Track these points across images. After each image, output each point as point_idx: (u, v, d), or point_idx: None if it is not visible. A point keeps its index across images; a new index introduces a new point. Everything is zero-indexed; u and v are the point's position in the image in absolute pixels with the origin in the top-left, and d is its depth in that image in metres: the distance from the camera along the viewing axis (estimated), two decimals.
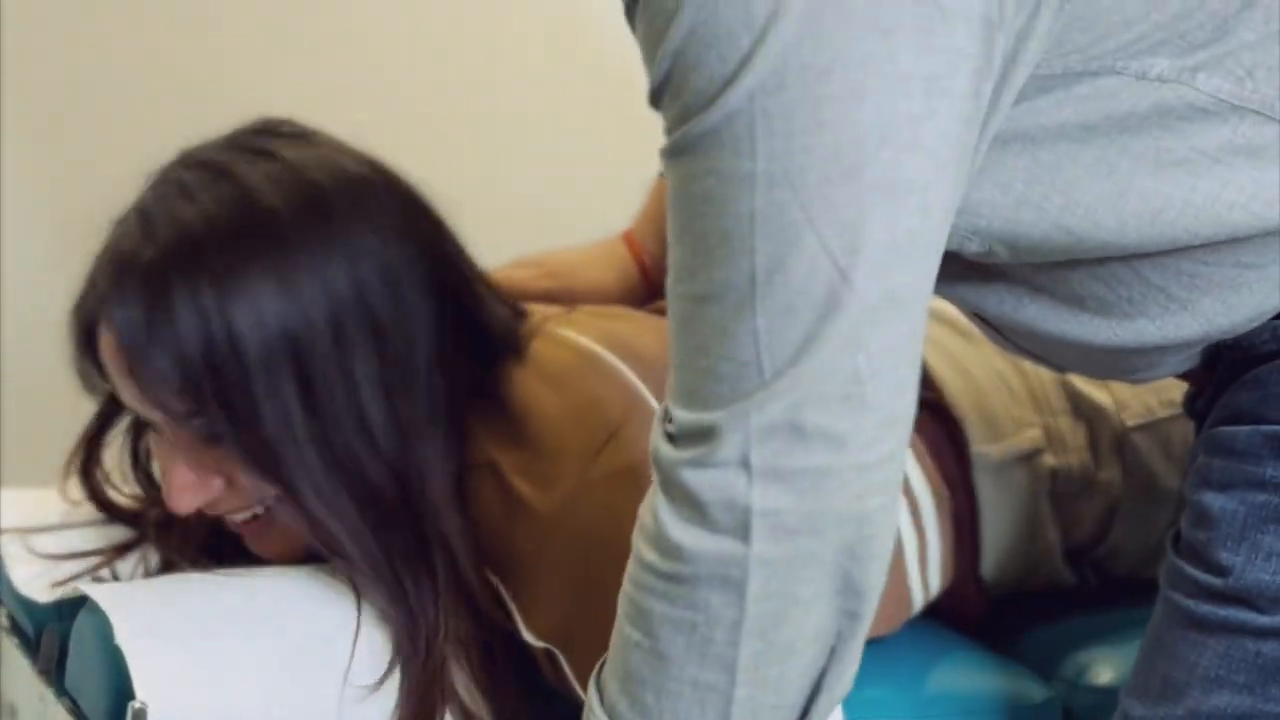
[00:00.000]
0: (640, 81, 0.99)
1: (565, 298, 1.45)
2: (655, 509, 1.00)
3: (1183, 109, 1.03)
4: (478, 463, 1.26)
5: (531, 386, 1.28)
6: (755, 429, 0.96)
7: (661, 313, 1.43)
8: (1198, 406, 1.19)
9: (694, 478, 0.98)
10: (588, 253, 1.51)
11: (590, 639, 1.18)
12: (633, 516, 1.14)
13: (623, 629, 1.03)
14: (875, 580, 1.01)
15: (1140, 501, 1.41)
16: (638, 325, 1.37)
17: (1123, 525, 1.42)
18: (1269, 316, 1.10)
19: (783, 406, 0.96)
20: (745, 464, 0.97)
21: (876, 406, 0.97)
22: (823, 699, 1.03)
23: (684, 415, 0.99)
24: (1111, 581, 1.46)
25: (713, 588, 0.99)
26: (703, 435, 0.97)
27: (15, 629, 1.38)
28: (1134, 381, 1.22)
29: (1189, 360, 1.16)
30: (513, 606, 1.24)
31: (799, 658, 1.01)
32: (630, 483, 1.21)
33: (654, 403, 1.26)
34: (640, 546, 1.02)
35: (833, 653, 1.02)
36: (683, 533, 0.99)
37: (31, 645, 1.35)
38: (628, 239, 1.51)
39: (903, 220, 0.95)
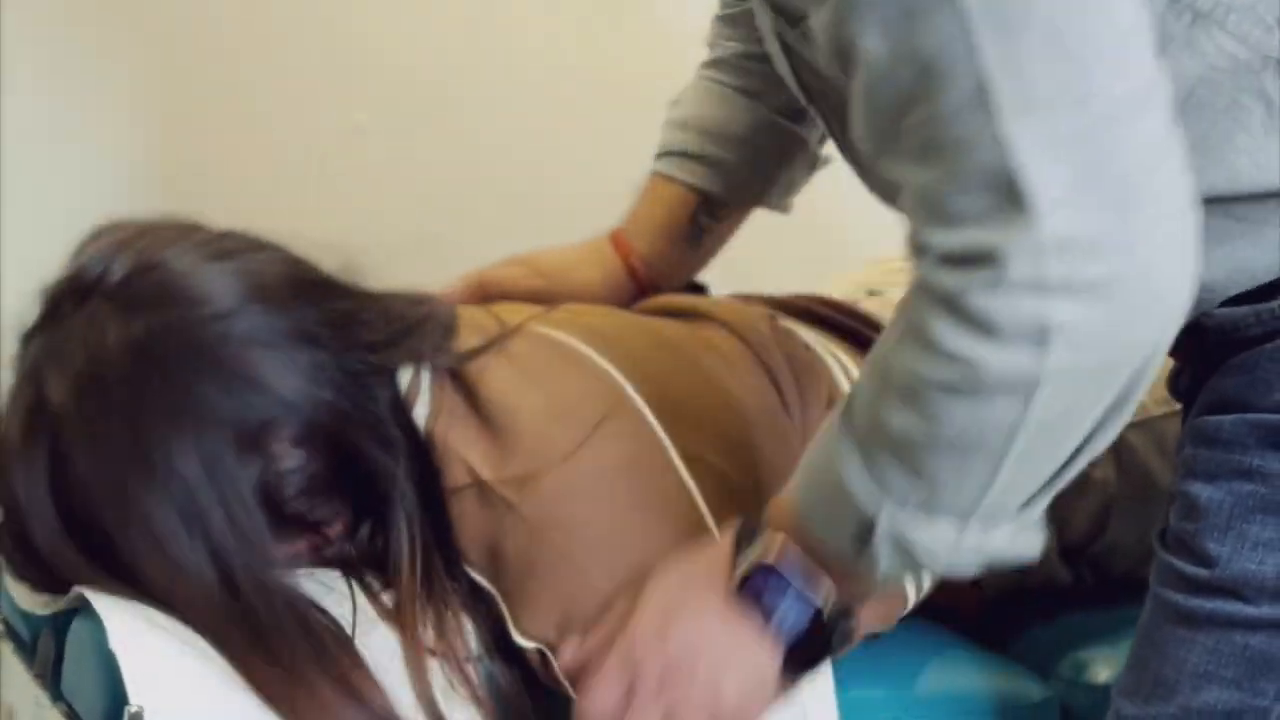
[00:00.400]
0: (635, 82, 0.99)
1: (552, 297, 1.44)
2: (927, 328, 1.00)
3: (1212, 51, 1.04)
4: (458, 486, 1.24)
5: (512, 385, 1.27)
6: (1038, 245, 0.96)
7: (647, 312, 1.43)
8: (1180, 385, 1.19)
9: (982, 301, 0.97)
10: (576, 252, 1.51)
11: (582, 632, 1.18)
12: (615, 512, 1.14)
13: (890, 401, 1.03)
14: (1154, 374, 1.02)
15: (1136, 499, 1.41)
16: (621, 322, 1.37)
17: (1119, 523, 1.42)
18: (1245, 283, 1.10)
19: (1059, 218, 0.96)
20: (1036, 282, 0.96)
21: (1153, 202, 0.97)
22: (1079, 462, 1.05)
23: (951, 238, 0.98)
24: (1109, 580, 1.45)
25: (998, 394, 0.99)
26: (983, 258, 0.97)
27: (11, 633, 1.39)
28: None
29: None
30: (504, 610, 1.24)
31: (1066, 446, 1.03)
32: (612, 478, 1.22)
33: (637, 398, 1.26)
34: (905, 357, 1.01)
35: (1095, 431, 1.03)
36: (969, 347, 0.99)
37: (28, 649, 1.35)
38: (616, 240, 1.51)
39: (1120, 12, 0.96)
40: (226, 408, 1.20)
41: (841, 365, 1.40)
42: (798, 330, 1.42)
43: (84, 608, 1.23)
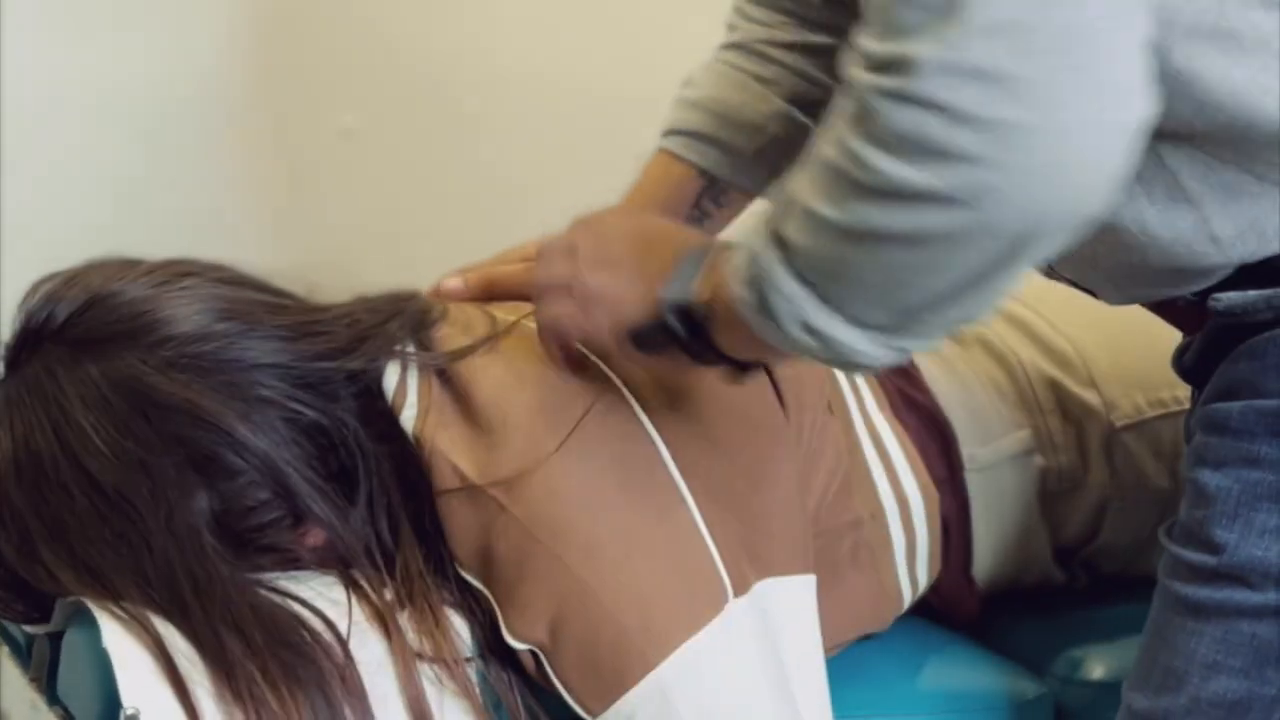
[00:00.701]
0: (632, 86, 0.98)
1: None
2: (836, 120, 0.98)
3: None
4: (447, 489, 1.24)
5: (504, 384, 1.25)
6: (958, 66, 0.93)
7: None
8: (1185, 362, 1.19)
9: (888, 109, 0.95)
10: None
11: (574, 633, 1.18)
12: (604, 512, 1.17)
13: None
14: (1027, 265, 0.99)
15: (1130, 500, 1.41)
16: None
17: (1112, 524, 1.42)
18: (1254, 245, 1.10)
19: (991, 46, 0.92)
20: (945, 103, 0.93)
21: (1095, 69, 0.93)
22: (933, 318, 1.02)
23: (882, 46, 0.95)
24: (1102, 579, 1.46)
25: (868, 199, 0.97)
26: (900, 66, 0.94)
27: (6, 637, 1.38)
28: (1129, 299, 1.21)
29: (1183, 282, 1.14)
30: (498, 611, 1.23)
31: (917, 287, 1.00)
32: (600, 477, 1.21)
33: (627, 393, 1.24)
34: (820, 136, 1.00)
35: (951, 293, 1.00)
36: (860, 146, 0.96)
37: (23, 653, 1.34)
38: None
39: None
40: (176, 445, 1.23)
41: None
42: None
43: (79, 612, 1.23)
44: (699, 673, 1.19)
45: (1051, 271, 1.21)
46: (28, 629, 1.31)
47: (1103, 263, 1.15)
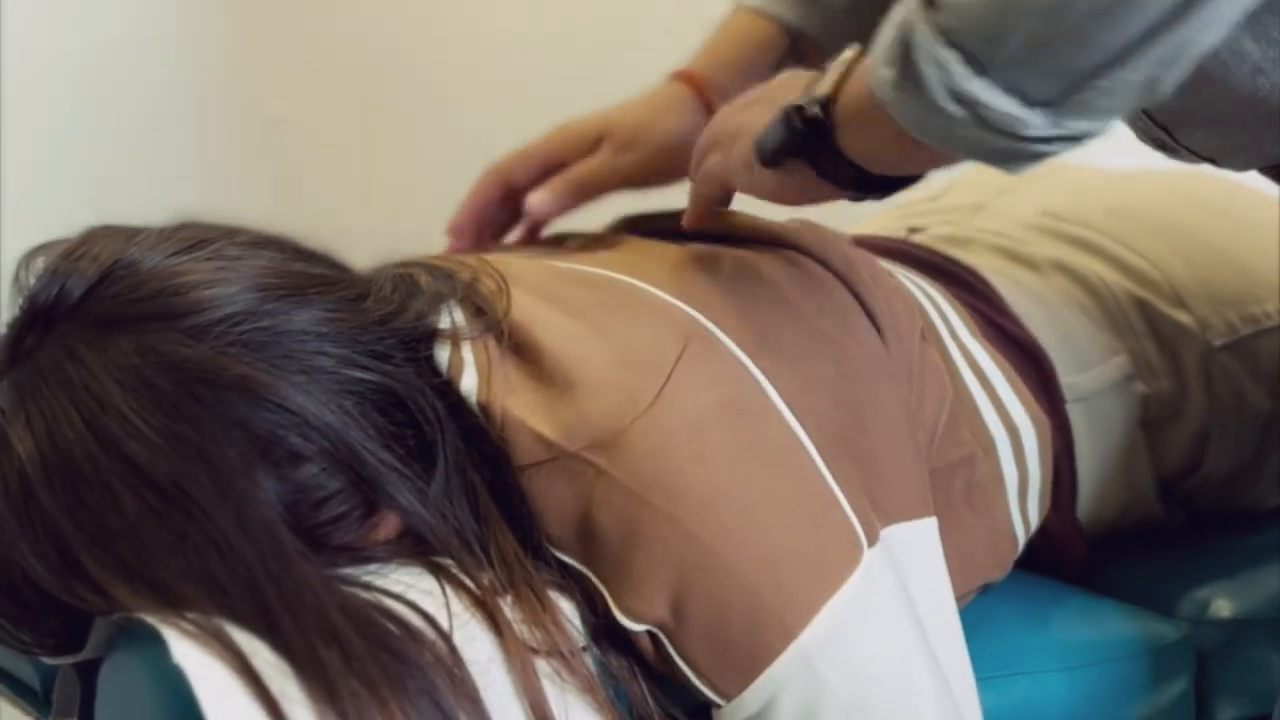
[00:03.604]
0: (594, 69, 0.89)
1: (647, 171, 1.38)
2: None
3: None
4: (531, 461, 1.09)
5: (572, 334, 1.11)
6: None
7: (704, 238, 1.26)
8: None
9: None
10: (649, 105, 1.40)
11: (699, 606, 1.05)
12: (719, 464, 1.05)
13: None
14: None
15: (1231, 426, 1.33)
16: (676, 256, 1.22)
17: (1215, 452, 1.34)
18: None
19: None
20: None
21: None
22: (1125, 77, 0.95)
23: None
24: (1198, 515, 1.37)
25: None
26: None
27: (8, 681, 1.19)
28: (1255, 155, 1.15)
29: None
30: (605, 592, 1.09)
31: (1111, 33, 0.93)
32: (708, 426, 1.07)
33: (719, 333, 1.11)
34: None
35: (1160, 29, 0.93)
36: None
37: (35, 695, 1.16)
38: (692, 80, 1.39)
39: None
40: (235, 429, 1.05)
41: (924, 293, 1.29)
42: (875, 257, 1.30)
43: (124, 632, 1.06)
44: (846, 637, 1.05)
45: (1171, 144, 1.15)
46: (49, 660, 1.12)
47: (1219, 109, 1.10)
